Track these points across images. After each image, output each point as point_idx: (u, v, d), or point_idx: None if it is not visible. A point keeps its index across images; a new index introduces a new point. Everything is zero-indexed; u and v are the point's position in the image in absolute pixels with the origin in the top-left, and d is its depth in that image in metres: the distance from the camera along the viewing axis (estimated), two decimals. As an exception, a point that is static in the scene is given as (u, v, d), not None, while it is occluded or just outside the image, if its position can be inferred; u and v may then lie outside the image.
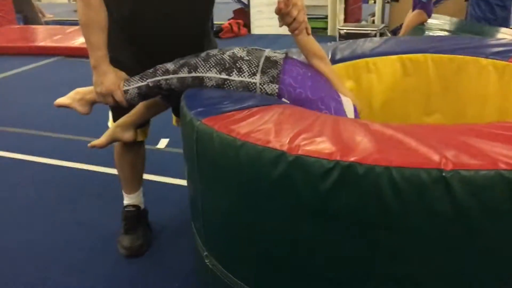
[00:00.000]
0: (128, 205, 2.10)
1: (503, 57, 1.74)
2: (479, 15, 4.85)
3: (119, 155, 2.04)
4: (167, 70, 1.56)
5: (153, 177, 2.68)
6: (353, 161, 0.97)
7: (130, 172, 2.06)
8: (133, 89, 1.59)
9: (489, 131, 1.07)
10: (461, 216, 0.94)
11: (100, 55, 1.60)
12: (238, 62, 1.49)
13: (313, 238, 1.06)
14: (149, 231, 2.13)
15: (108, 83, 1.61)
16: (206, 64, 1.51)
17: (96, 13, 1.56)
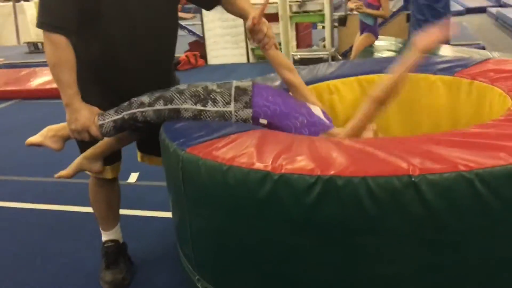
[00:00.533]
0: (106, 240, 2.12)
1: (449, 72, 1.92)
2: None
3: (93, 193, 2.05)
4: (142, 103, 1.62)
5: (127, 211, 2.68)
6: (333, 174, 1.08)
7: (106, 209, 2.07)
8: (109, 122, 1.63)
9: (446, 138, 1.21)
10: (431, 215, 1.06)
11: (72, 93, 1.64)
12: (211, 93, 1.59)
13: (303, 249, 1.15)
14: (130, 264, 2.15)
15: (83, 120, 1.64)
16: (181, 97, 1.59)
17: (65, 53, 1.61)
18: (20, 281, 2.13)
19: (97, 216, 2.10)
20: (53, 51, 1.61)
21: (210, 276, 1.40)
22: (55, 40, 1.60)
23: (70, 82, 1.63)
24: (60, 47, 1.61)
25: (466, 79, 1.85)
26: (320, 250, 1.14)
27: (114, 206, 2.11)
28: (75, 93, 1.65)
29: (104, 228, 2.11)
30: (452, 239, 1.09)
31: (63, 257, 2.29)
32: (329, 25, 6.39)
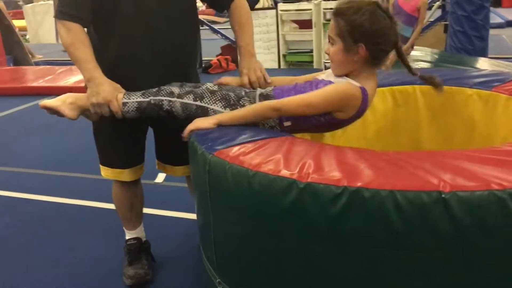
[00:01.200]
0: (129, 238, 2.15)
1: (486, 87, 1.87)
2: (458, 45, 5.08)
3: (117, 197, 2.07)
4: (171, 92, 1.62)
5: (153, 211, 2.73)
6: (360, 186, 1.06)
7: (128, 211, 2.10)
8: (133, 103, 1.63)
9: (480, 155, 1.18)
10: (460, 233, 1.03)
11: (91, 67, 1.66)
12: (241, 99, 1.59)
13: (325, 260, 1.14)
14: (153, 262, 2.17)
15: (105, 94, 1.64)
16: (212, 97, 1.59)
17: (79, 34, 1.67)
18: (44, 275, 2.18)
19: (121, 217, 2.13)
20: (67, 33, 1.66)
21: (231, 280, 1.40)
22: (69, 25, 1.66)
23: (87, 57, 1.66)
24: (73, 30, 1.66)
25: (503, 94, 1.79)
26: (343, 262, 1.12)
27: (137, 208, 2.13)
28: (95, 66, 1.66)
29: (127, 228, 2.15)
30: (480, 259, 1.05)
31: (87, 252, 2.34)
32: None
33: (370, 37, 1.42)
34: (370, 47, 1.43)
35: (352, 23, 1.42)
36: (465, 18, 4.94)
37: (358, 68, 1.48)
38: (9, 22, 7.50)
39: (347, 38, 1.43)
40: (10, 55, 7.49)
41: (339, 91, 1.46)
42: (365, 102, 1.47)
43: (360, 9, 1.42)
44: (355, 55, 1.44)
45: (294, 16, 6.74)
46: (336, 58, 1.48)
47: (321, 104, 1.46)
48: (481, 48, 5.05)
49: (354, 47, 1.43)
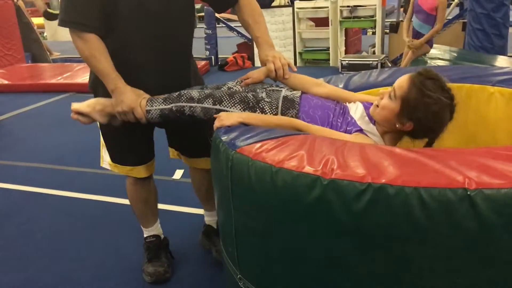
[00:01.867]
0: (148, 236, 2.17)
1: (508, 84, 1.84)
2: (477, 44, 5.02)
3: (131, 193, 2.10)
4: (191, 97, 1.64)
5: (171, 207, 2.76)
6: (384, 182, 1.06)
7: (144, 208, 2.12)
8: (156, 110, 1.68)
9: (505, 153, 1.16)
10: (486, 231, 1.02)
11: (114, 77, 1.70)
12: (260, 102, 1.59)
13: (348, 256, 1.14)
14: (172, 258, 2.19)
15: (129, 101, 1.70)
16: (231, 100, 1.60)
17: (96, 44, 1.67)
18: (63, 271, 2.21)
19: (137, 214, 2.16)
20: (84, 45, 1.67)
21: (252, 275, 1.41)
22: (85, 36, 1.66)
23: (109, 69, 1.69)
24: (90, 41, 1.66)
25: (526, 92, 1.77)
26: (366, 258, 1.12)
27: (152, 205, 2.15)
28: (117, 77, 1.70)
29: (144, 225, 2.17)
30: (506, 257, 1.04)
31: (107, 248, 2.37)
32: (380, 31, 6.29)
33: (424, 125, 1.43)
34: (416, 128, 1.45)
35: (420, 104, 1.40)
36: (484, 16, 4.88)
37: (392, 131, 1.50)
38: (28, 20, 7.61)
39: (405, 109, 1.43)
40: (28, 53, 7.60)
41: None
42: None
43: (435, 98, 1.39)
44: (400, 124, 1.46)
45: (310, 14, 6.72)
46: (383, 113, 1.48)
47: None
48: (500, 46, 4.99)
49: (405, 119, 1.44)
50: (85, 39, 1.66)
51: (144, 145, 2.00)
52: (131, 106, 1.70)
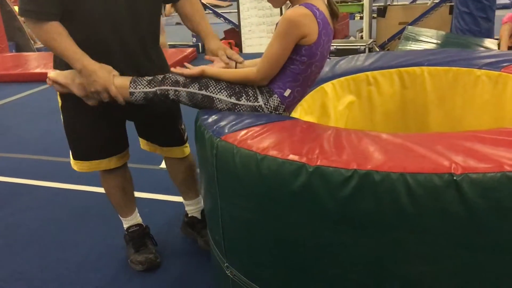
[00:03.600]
0: (130, 226, 2.14)
1: (495, 67, 1.84)
2: (464, 27, 5.00)
3: (108, 183, 2.05)
4: (177, 81, 1.60)
5: (159, 196, 2.73)
6: (370, 169, 1.05)
7: (122, 195, 2.08)
8: (140, 93, 1.64)
9: (491, 137, 1.16)
10: (473, 216, 1.02)
11: (79, 56, 1.63)
12: (246, 87, 1.56)
13: (334, 243, 1.13)
14: (155, 245, 2.18)
15: (101, 81, 1.63)
16: (217, 85, 1.57)
17: (55, 27, 1.61)
18: (50, 262, 2.19)
19: (115, 204, 2.12)
20: (41, 29, 1.61)
21: (239, 264, 1.40)
22: (44, 27, 1.60)
23: (73, 48, 1.63)
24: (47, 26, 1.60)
25: (513, 75, 1.77)
26: (353, 245, 1.12)
27: (129, 192, 2.12)
28: (82, 55, 1.64)
29: (123, 215, 2.14)
30: (493, 242, 1.04)
31: (95, 239, 2.34)
32: (367, 16, 6.25)
33: None
34: None
35: None
36: (471, -1, 4.86)
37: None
38: (10, 8, 7.45)
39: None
40: (12, 41, 7.46)
41: (283, 20, 1.45)
42: (317, 12, 1.44)
43: None
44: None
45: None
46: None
47: (280, 43, 1.46)
48: (487, 29, 4.98)
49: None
50: (42, 25, 1.60)
51: (117, 136, 1.95)
52: (104, 86, 1.64)
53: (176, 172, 2.15)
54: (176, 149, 2.06)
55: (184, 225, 2.28)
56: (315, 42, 1.46)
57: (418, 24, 5.73)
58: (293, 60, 1.49)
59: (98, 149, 1.91)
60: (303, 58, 1.48)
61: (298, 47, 1.46)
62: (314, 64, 1.52)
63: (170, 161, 2.13)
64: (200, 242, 2.17)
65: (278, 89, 1.53)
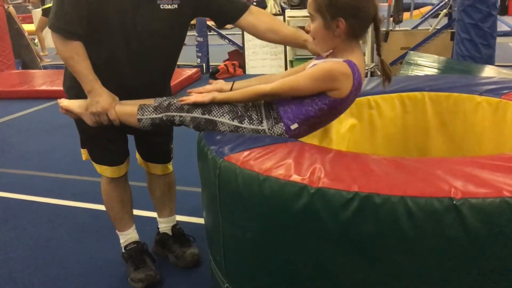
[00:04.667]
0: (129, 243, 2.15)
1: (495, 94, 1.86)
2: (465, 53, 5.06)
3: (107, 193, 2.09)
4: (181, 107, 1.64)
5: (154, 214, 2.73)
6: (371, 191, 1.06)
7: (121, 208, 2.11)
8: (147, 119, 1.69)
9: (491, 162, 1.18)
10: (472, 240, 1.03)
11: (91, 79, 1.73)
12: (249, 110, 1.58)
13: (336, 265, 1.14)
14: (154, 261, 2.17)
15: (103, 103, 1.73)
16: (220, 109, 1.59)
17: (77, 48, 1.71)
18: (49, 279, 2.18)
19: (113, 217, 2.13)
20: (64, 47, 1.71)
21: (239, 285, 1.40)
22: (69, 45, 1.70)
23: (87, 70, 1.73)
24: (72, 45, 1.70)
25: (513, 102, 1.79)
26: (354, 267, 1.12)
27: (128, 206, 2.14)
28: (94, 79, 1.74)
29: (121, 228, 2.15)
30: (492, 266, 1.05)
31: (94, 257, 2.34)
32: (370, 41, 6.33)
33: (348, 11, 1.42)
34: (349, 21, 1.43)
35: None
36: (472, 26, 4.92)
37: (340, 44, 1.48)
38: (18, 26, 7.56)
39: (325, 13, 1.44)
40: (19, 59, 7.54)
41: (323, 67, 1.47)
42: (357, 73, 1.47)
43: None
44: (335, 30, 1.45)
45: (301, 22, 6.75)
46: (318, 35, 1.50)
47: (309, 84, 1.47)
48: (488, 56, 5.04)
49: (334, 22, 1.43)
50: (67, 42, 1.70)
51: (118, 146, 2.00)
52: (104, 108, 1.73)
53: (155, 187, 2.21)
54: (161, 166, 2.14)
55: (154, 243, 2.30)
56: (342, 99, 1.49)
57: (419, 50, 5.79)
58: (313, 102, 1.50)
59: (105, 155, 1.97)
60: (323, 106, 1.49)
61: (324, 95, 1.48)
62: (331, 114, 1.55)
63: (152, 176, 2.20)
64: (171, 259, 2.19)
65: (286, 120, 1.54)
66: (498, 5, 5.08)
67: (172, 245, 2.19)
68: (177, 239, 2.21)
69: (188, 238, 2.24)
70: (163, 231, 2.26)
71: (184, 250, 2.16)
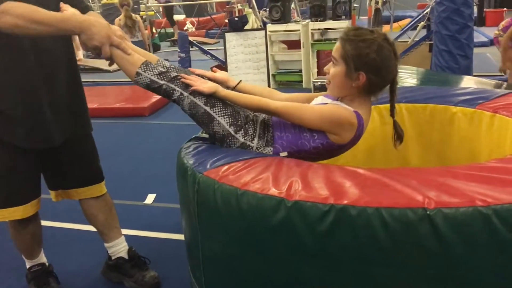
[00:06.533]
0: (33, 265, 2.09)
1: (470, 104, 1.90)
2: (443, 64, 5.17)
3: (17, 231, 1.97)
4: (187, 85, 1.57)
5: (143, 233, 2.71)
6: (346, 204, 1.07)
7: (31, 241, 2.02)
8: (146, 77, 1.58)
9: (464, 172, 1.20)
10: (446, 249, 1.04)
11: (69, 15, 1.58)
12: (248, 123, 1.57)
13: (314, 278, 1.14)
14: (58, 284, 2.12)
15: (98, 36, 1.55)
16: (223, 109, 1.55)
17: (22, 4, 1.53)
18: None
19: (22, 250, 2.06)
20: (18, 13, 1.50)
21: (220, 301, 1.40)
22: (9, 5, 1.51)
23: (60, 14, 1.58)
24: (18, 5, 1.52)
25: (488, 111, 1.83)
26: (332, 280, 1.13)
27: (39, 237, 2.07)
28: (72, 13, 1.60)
29: (29, 257, 2.09)
30: (467, 275, 1.06)
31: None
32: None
33: (373, 68, 1.45)
34: (370, 77, 1.45)
35: (359, 50, 1.44)
36: (449, 37, 5.03)
37: (354, 94, 1.51)
38: None
39: (350, 63, 1.46)
40: None
41: (334, 110, 1.49)
42: (361, 126, 1.50)
43: (369, 39, 1.44)
44: (354, 81, 1.47)
45: (282, 37, 6.82)
46: (335, 80, 1.51)
47: (314, 119, 1.48)
48: (465, 66, 5.14)
49: (355, 74, 1.46)
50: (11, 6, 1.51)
51: (35, 179, 1.91)
52: (102, 42, 1.56)
53: (97, 213, 2.08)
54: (95, 187, 2.03)
55: (107, 268, 2.19)
56: (339, 145, 1.51)
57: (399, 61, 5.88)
58: (311, 138, 1.51)
59: (20, 192, 1.85)
60: (319, 145, 1.51)
61: (324, 136, 1.50)
62: (323, 155, 1.56)
63: (88, 202, 2.06)
64: (128, 284, 2.10)
65: (278, 145, 1.54)
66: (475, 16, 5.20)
67: (130, 270, 2.09)
68: (135, 263, 2.12)
69: (144, 260, 2.16)
70: (117, 255, 2.14)
71: (143, 274, 2.08)
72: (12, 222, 1.93)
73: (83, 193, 2.03)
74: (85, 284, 2.21)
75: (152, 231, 2.71)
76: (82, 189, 2.03)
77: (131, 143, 4.63)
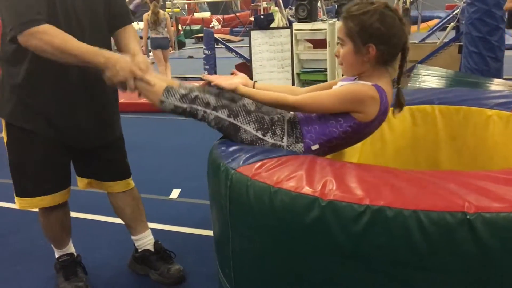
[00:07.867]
0: (62, 255, 2.13)
1: (506, 107, 1.86)
2: (473, 66, 5.06)
3: (46, 218, 2.01)
4: (208, 103, 1.59)
5: (166, 227, 2.73)
6: (383, 205, 1.06)
7: (60, 230, 2.07)
8: (170, 103, 1.62)
9: (504, 176, 1.17)
10: (485, 255, 1.02)
11: (96, 50, 1.63)
12: (274, 124, 1.57)
13: (347, 278, 1.13)
14: (86, 274, 2.16)
15: (123, 72, 1.63)
16: (247, 117, 1.57)
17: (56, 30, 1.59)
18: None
19: (51, 238, 2.10)
20: (46, 36, 1.57)
21: (249, 298, 1.39)
22: (41, 30, 1.57)
23: (87, 47, 1.63)
24: (49, 31, 1.58)
25: (524, 115, 1.78)
26: (365, 281, 1.11)
27: (68, 226, 2.11)
28: (97, 49, 1.64)
29: (59, 247, 2.13)
30: (505, 281, 1.04)
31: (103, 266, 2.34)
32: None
33: (380, 37, 1.43)
34: (379, 47, 1.44)
35: (362, 23, 1.44)
36: (480, 39, 4.93)
37: (369, 69, 1.49)
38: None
39: (356, 39, 1.45)
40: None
41: (351, 89, 1.47)
42: (384, 98, 1.46)
43: (369, 10, 1.44)
44: (365, 55, 1.46)
45: (308, 36, 6.78)
46: (347, 60, 1.50)
47: (333, 102, 1.47)
48: (496, 69, 5.03)
49: (364, 48, 1.45)
50: (43, 32, 1.57)
51: (64, 171, 1.96)
52: (126, 77, 1.63)
53: (124, 206, 2.13)
54: (122, 182, 2.07)
55: (134, 261, 2.24)
56: (367, 123, 1.49)
57: (427, 63, 5.79)
58: (338, 123, 1.49)
59: (48, 181, 1.90)
60: (348, 129, 1.49)
61: (349, 117, 1.48)
62: (354, 138, 1.54)
63: (116, 196, 2.11)
64: (154, 276, 2.14)
65: (308, 139, 1.53)
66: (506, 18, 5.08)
67: (156, 262, 2.14)
68: (161, 256, 2.16)
69: (170, 253, 2.21)
70: (144, 247, 2.19)
71: (168, 267, 2.12)
72: (41, 210, 1.99)
73: (110, 187, 2.09)
74: (111, 275, 2.24)
75: (177, 226, 2.73)
76: (109, 183, 2.08)
77: (157, 138, 4.68)
